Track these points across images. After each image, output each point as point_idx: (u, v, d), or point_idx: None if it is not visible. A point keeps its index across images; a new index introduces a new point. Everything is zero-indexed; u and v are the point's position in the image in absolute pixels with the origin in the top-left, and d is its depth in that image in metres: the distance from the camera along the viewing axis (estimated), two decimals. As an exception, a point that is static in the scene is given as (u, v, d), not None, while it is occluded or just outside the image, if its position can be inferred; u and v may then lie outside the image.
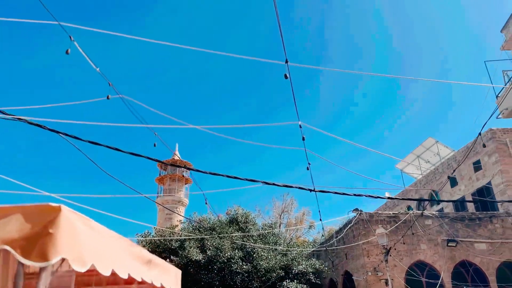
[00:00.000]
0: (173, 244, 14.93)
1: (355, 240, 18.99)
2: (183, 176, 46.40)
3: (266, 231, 18.48)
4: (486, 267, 17.40)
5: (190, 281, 14.99)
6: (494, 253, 17.64)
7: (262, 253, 15.55)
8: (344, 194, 7.46)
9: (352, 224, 19.46)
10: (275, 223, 19.90)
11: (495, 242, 17.94)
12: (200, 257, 14.54)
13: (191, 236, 15.00)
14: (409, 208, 25.28)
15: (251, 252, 15.36)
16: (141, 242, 15.27)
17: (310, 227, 33.41)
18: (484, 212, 19.19)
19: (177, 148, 43.95)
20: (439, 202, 24.45)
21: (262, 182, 7.09)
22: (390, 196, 32.50)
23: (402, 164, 29.17)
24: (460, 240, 17.89)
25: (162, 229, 15.91)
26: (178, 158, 46.58)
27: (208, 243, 15.34)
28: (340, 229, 20.92)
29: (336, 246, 20.91)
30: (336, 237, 21.51)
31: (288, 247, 17.62)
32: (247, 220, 18.43)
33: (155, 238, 15.08)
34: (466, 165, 21.69)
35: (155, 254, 13.76)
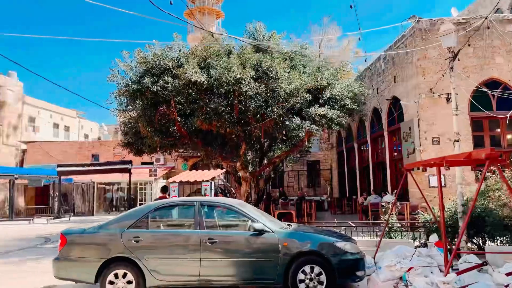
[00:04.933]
0: (168, 63, 11.89)
1: (408, 57, 14.94)
2: (213, 8, 41.53)
3: (293, 50, 14.78)
4: None
5: (194, 109, 12.38)
6: None
7: (282, 72, 12.19)
8: None
9: (406, 37, 15.12)
10: (305, 44, 15.89)
11: None
12: (202, 78, 11.53)
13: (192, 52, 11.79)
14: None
15: (267, 71, 12.04)
16: (137, 59, 12.37)
17: (356, 56, 29.03)
18: None
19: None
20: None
21: None
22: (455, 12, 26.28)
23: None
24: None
25: (160, 43, 12.64)
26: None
27: (214, 62, 12.13)
28: (390, 47, 16.69)
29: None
30: (384, 57, 17.44)
31: (319, 68, 14.07)
32: (269, 40, 14.62)
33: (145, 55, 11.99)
34: None
35: (148, 75, 10.73)
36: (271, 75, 12.08)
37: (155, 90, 11.64)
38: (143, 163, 29.34)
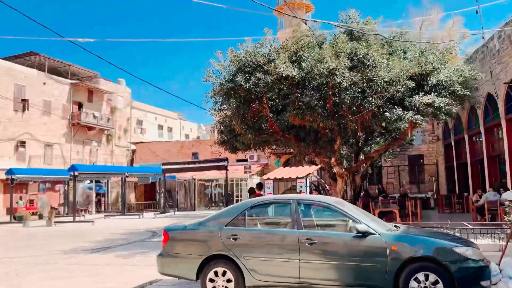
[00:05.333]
0: (260, 60, 11.78)
1: (530, 33, 12.87)
2: (302, 2, 40.93)
3: (392, 35, 13.75)
4: None
5: (285, 104, 12.14)
6: None
7: (380, 59, 11.30)
8: None
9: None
10: (404, 27, 14.69)
11: None
12: (294, 72, 11.20)
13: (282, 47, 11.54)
14: None
15: (363, 59, 11.26)
16: (230, 58, 12.53)
17: (463, 38, 26.16)
18: None
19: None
20: None
21: None
22: None
23: None
24: None
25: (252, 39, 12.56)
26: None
27: (306, 54, 11.73)
28: (506, 24, 14.56)
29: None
30: (499, 35, 15.31)
31: (422, 52, 12.82)
32: (364, 26, 13.76)
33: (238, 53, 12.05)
34: None
35: (241, 73, 10.89)
36: (368, 63, 11.30)
37: (247, 87, 11.65)
38: (238, 160, 30.14)
